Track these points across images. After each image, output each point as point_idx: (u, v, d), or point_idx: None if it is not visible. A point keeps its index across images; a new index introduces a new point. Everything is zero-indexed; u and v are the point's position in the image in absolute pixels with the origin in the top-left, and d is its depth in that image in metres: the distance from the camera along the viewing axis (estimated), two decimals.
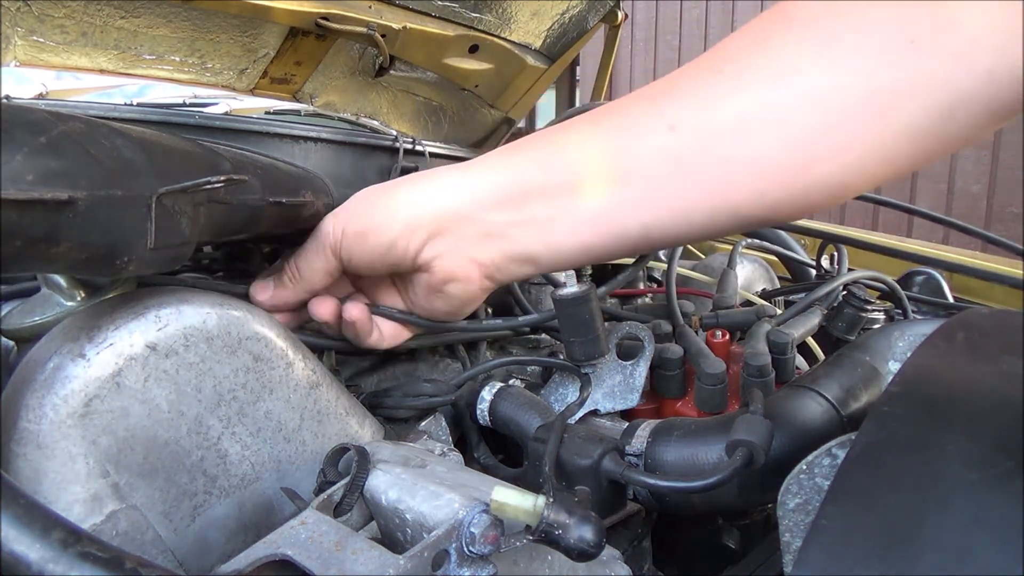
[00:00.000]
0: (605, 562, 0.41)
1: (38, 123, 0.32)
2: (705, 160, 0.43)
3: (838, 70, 0.39)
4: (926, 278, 0.98)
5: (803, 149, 0.40)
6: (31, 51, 0.92)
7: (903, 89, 0.38)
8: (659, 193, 0.44)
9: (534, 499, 0.33)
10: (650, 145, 0.43)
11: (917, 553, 0.25)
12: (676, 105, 0.43)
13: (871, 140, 0.39)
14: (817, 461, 0.40)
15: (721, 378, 0.57)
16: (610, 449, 0.47)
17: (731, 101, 0.41)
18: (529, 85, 1.25)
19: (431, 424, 0.56)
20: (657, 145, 0.43)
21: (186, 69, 1.04)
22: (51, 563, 0.26)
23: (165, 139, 0.41)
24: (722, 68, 0.42)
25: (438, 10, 1.03)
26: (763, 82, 0.41)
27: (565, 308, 0.56)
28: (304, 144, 0.62)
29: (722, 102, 0.42)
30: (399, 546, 0.38)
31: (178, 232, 0.39)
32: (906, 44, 0.37)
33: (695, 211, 0.44)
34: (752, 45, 0.42)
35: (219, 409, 0.42)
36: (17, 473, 0.36)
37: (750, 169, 0.42)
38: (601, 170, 0.45)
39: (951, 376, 0.37)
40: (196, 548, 0.41)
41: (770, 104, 0.40)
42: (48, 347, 0.38)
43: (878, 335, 0.55)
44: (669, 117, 0.43)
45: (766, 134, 0.41)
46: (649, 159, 0.44)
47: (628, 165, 0.44)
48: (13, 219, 0.30)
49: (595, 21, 1.18)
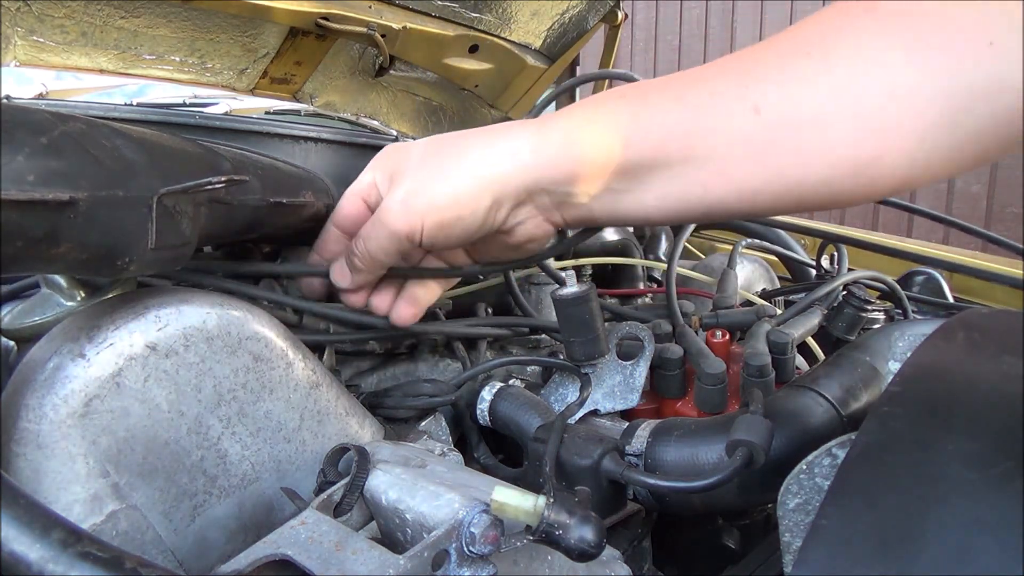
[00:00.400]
0: (605, 562, 0.41)
1: (39, 124, 0.32)
2: (783, 147, 0.43)
3: (921, 68, 0.39)
4: (926, 278, 0.98)
5: (876, 142, 0.41)
6: (31, 51, 0.92)
7: (978, 91, 0.38)
8: (731, 175, 0.45)
9: (534, 499, 0.33)
10: (733, 127, 0.43)
11: (917, 553, 0.25)
12: (763, 85, 0.43)
13: (942, 139, 0.40)
14: (817, 461, 0.40)
15: (721, 378, 0.57)
16: (610, 449, 0.47)
17: (817, 86, 0.41)
18: (529, 85, 1.25)
19: (431, 424, 0.56)
20: (740, 127, 0.43)
21: (186, 69, 1.04)
22: (51, 563, 0.26)
23: (166, 139, 0.41)
24: (810, 52, 0.42)
25: (438, 10, 1.03)
26: (849, 71, 0.41)
27: (565, 308, 0.56)
28: (304, 144, 0.62)
29: (808, 86, 0.42)
30: (399, 546, 0.38)
31: (179, 232, 0.39)
32: (985, 47, 0.37)
33: (762, 193, 0.45)
34: (838, 32, 0.42)
35: (219, 409, 0.42)
36: (17, 473, 0.36)
37: (824, 158, 0.42)
38: (682, 151, 0.45)
39: (951, 376, 0.37)
40: (196, 548, 0.41)
41: (854, 94, 0.41)
42: (48, 347, 0.38)
43: (878, 335, 0.55)
44: (755, 98, 0.43)
45: (845, 124, 0.41)
46: (729, 142, 0.44)
47: (707, 146, 0.44)
48: (14, 219, 0.30)
49: (595, 21, 1.18)
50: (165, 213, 0.37)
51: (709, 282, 0.89)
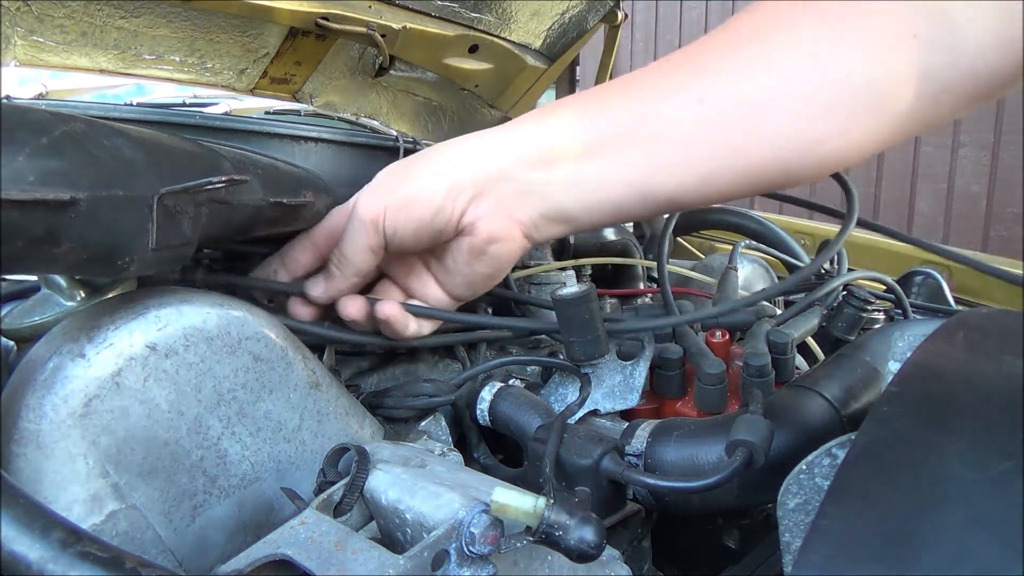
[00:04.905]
0: (605, 562, 0.41)
1: (40, 124, 0.32)
2: (730, 130, 0.46)
3: (850, 58, 0.43)
4: (926, 278, 0.98)
5: (816, 126, 0.44)
6: (31, 51, 0.92)
7: (903, 78, 0.42)
8: (686, 159, 0.47)
9: (534, 500, 0.33)
10: (680, 115, 0.47)
11: (917, 553, 0.25)
12: (706, 77, 0.46)
13: (871, 121, 0.44)
14: (817, 461, 0.40)
15: (721, 378, 0.57)
16: (610, 449, 0.47)
17: (757, 75, 0.45)
18: (529, 85, 1.25)
19: (431, 424, 0.56)
20: (687, 115, 0.46)
21: (186, 69, 1.04)
22: (51, 563, 0.26)
23: (166, 139, 0.41)
24: (748, 44, 0.46)
25: (438, 10, 1.03)
26: (784, 63, 0.44)
27: (565, 308, 0.56)
28: (304, 144, 0.62)
29: (748, 76, 0.45)
30: (399, 546, 0.38)
31: (179, 232, 0.39)
32: (909, 38, 0.42)
33: (718, 176, 0.47)
34: (772, 27, 0.45)
35: (219, 409, 0.42)
36: (17, 473, 0.36)
37: (770, 140, 0.45)
38: (632, 135, 0.48)
39: (951, 376, 0.37)
40: (196, 548, 0.41)
41: (792, 81, 0.44)
42: (48, 347, 0.38)
43: (878, 335, 0.55)
44: (698, 89, 0.46)
45: (786, 108, 0.45)
46: (678, 127, 0.47)
47: (659, 131, 0.47)
48: (15, 219, 0.30)
49: (595, 21, 1.18)
50: (165, 213, 0.38)
51: (709, 282, 0.90)
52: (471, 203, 0.50)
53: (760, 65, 0.45)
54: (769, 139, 0.45)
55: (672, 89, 0.47)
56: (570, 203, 0.50)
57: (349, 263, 0.52)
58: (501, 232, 0.52)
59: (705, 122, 0.46)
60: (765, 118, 0.45)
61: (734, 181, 0.48)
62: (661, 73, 0.48)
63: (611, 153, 0.48)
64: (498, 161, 0.50)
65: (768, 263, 1.03)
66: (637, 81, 0.49)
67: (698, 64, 0.47)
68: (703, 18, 4.52)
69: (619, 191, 0.49)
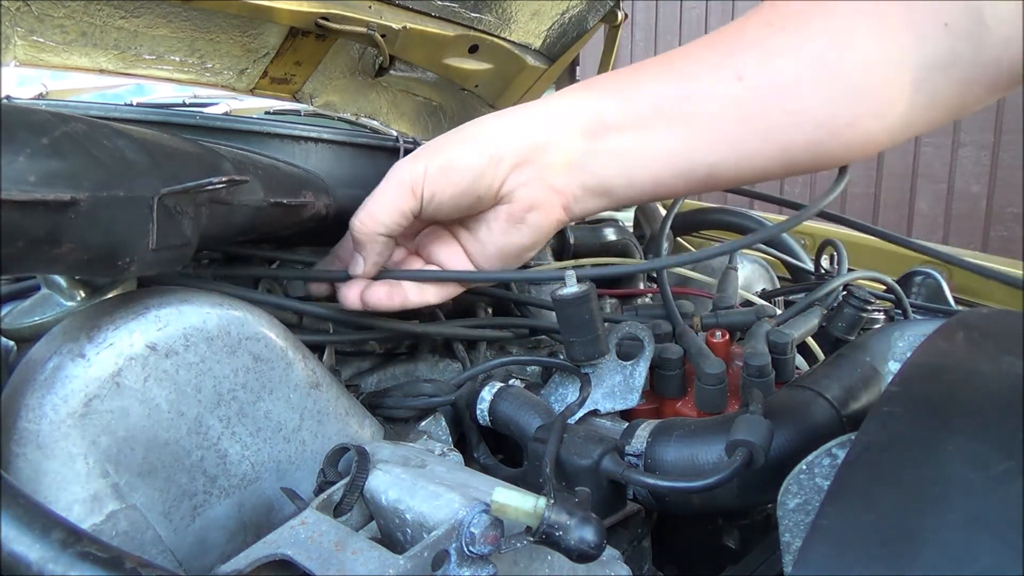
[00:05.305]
0: (605, 562, 0.41)
1: (40, 124, 0.32)
2: (768, 109, 0.47)
3: (885, 43, 0.45)
4: (926, 278, 0.98)
5: (850, 107, 0.46)
6: (31, 51, 0.92)
7: (934, 65, 0.44)
8: (725, 136, 0.48)
9: (535, 500, 0.33)
10: (720, 92, 0.47)
11: (917, 553, 0.25)
12: (744, 56, 0.47)
13: (903, 105, 0.46)
14: (817, 461, 0.40)
15: (721, 378, 0.57)
16: (610, 449, 0.47)
17: (794, 57, 0.46)
18: (529, 85, 1.25)
19: (431, 424, 0.56)
20: (726, 92, 0.47)
21: (186, 69, 1.04)
22: (51, 563, 0.26)
23: (166, 140, 0.41)
24: (785, 26, 0.47)
25: (438, 10, 1.03)
26: (821, 44, 0.46)
27: (565, 308, 0.56)
28: (304, 144, 0.61)
29: (786, 57, 0.46)
30: (399, 546, 0.38)
31: (180, 233, 0.39)
32: (940, 27, 0.43)
33: (754, 155, 0.48)
34: (810, 9, 0.47)
35: (219, 409, 0.42)
36: (17, 473, 0.36)
37: (807, 121, 0.47)
38: (674, 110, 0.49)
39: (951, 376, 0.37)
40: (196, 548, 0.41)
41: (828, 65, 0.45)
42: (48, 347, 0.38)
43: (878, 335, 0.55)
44: (738, 67, 0.47)
45: (822, 90, 0.46)
46: (718, 104, 0.48)
47: (699, 108, 0.48)
48: (15, 220, 0.30)
49: (595, 21, 1.18)
50: (166, 213, 0.38)
51: (709, 282, 0.90)
52: (513, 171, 0.50)
53: (797, 46, 0.46)
54: (806, 120, 0.46)
55: (712, 66, 0.48)
56: (613, 176, 0.51)
57: (377, 222, 0.50)
58: (542, 200, 0.52)
59: (743, 100, 0.47)
60: (802, 100, 0.46)
61: (769, 159, 0.48)
62: (703, 49, 0.49)
63: (653, 127, 0.49)
64: (543, 131, 0.50)
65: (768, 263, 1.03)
66: (680, 56, 0.50)
67: (736, 43, 0.48)
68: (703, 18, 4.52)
69: (660, 165, 0.50)
